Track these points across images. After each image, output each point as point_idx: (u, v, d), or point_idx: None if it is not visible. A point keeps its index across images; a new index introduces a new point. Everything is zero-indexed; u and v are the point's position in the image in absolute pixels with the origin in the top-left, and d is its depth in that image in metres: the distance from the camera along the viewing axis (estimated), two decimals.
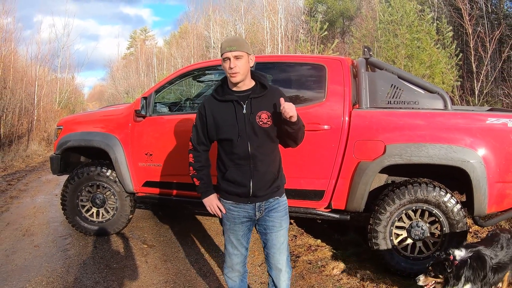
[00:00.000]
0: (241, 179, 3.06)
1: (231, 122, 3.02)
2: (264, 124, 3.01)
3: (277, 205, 3.18)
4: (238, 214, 3.15)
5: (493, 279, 3.70)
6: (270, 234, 3.19)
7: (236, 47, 2.92)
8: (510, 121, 4.33)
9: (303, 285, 4.58)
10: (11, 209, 7.90)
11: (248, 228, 3.24)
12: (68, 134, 6.16)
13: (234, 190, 3.11)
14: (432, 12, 13.85)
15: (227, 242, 3.28)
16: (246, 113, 3.01)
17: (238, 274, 3.36)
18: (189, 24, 36.04)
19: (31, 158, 14.97)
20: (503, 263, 3.75)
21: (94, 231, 6.11)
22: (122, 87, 43.57)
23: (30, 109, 19.73)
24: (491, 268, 3.66)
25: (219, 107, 3.08)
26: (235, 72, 2.92)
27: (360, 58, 5.23)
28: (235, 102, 3.02)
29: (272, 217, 3.17)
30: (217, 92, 3.12)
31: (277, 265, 3.25)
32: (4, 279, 4.86)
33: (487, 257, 3.69)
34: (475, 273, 3.61)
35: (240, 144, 3.01)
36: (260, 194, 3.09)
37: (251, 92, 3.06)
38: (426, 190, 4.49)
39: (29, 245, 5.93)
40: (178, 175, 5.48)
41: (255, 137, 3.01)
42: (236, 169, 3.07)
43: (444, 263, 3.57)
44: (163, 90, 5.74)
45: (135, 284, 4.73)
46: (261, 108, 3.03)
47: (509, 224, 5.81)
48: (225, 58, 2.94)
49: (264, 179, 3.09)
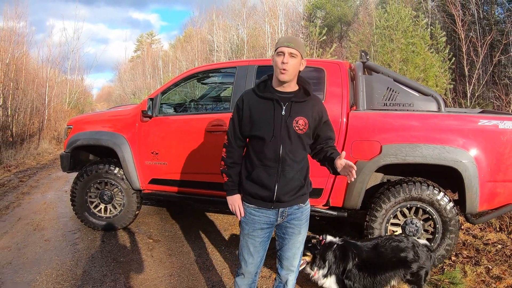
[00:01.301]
0: (267, 181, 2.89)
1: (267, 120, 2.85)
2: (300, 130, 2.85)
3: (299, 213, 3.03)
4: (259, 219, 2.99)
5: (362, 279, 3.76)
6: (289, 239, 3.07)
7: (294, 44, 2.76)
8: (501, 122, 4.34)
9: (302, 278, 4.57)
10: (22, 205, 7.90)
11: (267, 235, 3.08)
12: (77, 133, 6.17)
13: (257, 193, 2.93)
14: (426, 18, 13.85)
15: (244, 248, 3.09)
16: (284, 115, 2.84)
17: (249, 282, 3.21)
18: (194, 29, 36.15)
19: (42, 156, 14.96)
20: (374, 264, 3.78)
21: (102, 226, 6.12)
22: (129, 89, 43.58)
23: (41, 109, 19.72)
24: (356, 265, 3.75)
25: (258, 103, 2.90)
26: (285, 68, 2.75)
27: (357, 61, 5.23)
28: (275, 102, 2.86)
29: (293, 224, 3.03)
30: (258, 88, 2.94)
31: (290, 268, 3.17)
32: (16, 271, 4.87)
33: (352, 253, 3.77)
34: (337, 262, 3.74)
35: (272, 145, 2.84)
36: (285, 199, 2.92)
37: (293, 95, 2.89)
38: (420, 188, 4.49)
39: (39, 239, 5.93)
40: (183, 173, 5.49)
41: (289, 141, 2.85)
42: (263, 170, 2.89)
43: (313, 242, 3.77)
44: (169, 91, 5.75)
45: (141, 277, 4.73)
46: (300, 114, 2.86)
47: (499, 221, 5.81)
48: (280, 52, 2.77)
49: (290, 185, 2.91)
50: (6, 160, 12.78)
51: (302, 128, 2.85)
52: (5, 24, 18.38)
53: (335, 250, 3.79)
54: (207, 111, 5.82)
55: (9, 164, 12.48)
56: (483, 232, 5.74)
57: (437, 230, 4.53)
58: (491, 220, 5.72)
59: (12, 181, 10.19)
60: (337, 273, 3.77)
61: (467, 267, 4.67)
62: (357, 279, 3.75)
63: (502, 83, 11.29)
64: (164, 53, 44.87)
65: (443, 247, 4.54)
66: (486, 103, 10.87)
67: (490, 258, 4.96)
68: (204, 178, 5.35)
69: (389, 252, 3.81)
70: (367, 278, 3.76)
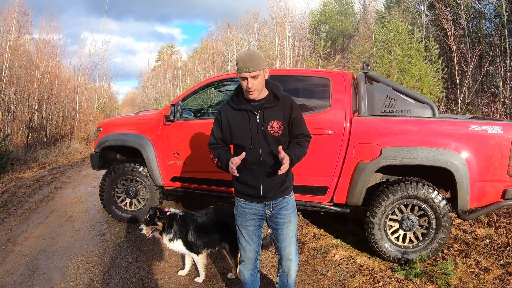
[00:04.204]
0: (253, 182, 2.97)
1: (244, 130, 2.91)
2: (275, 133, 2.89)
3: (285, 204, 3.08)
4: (249, 211, 3.07)
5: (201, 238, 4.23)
6: (281, 229, 3.10)
7: (253, 67, 2.72)
8: (489, 127, 4.32)
9: (308, 269, 4.58)
10: (55, 198, 7.97)
11: (258, 225, 3.13)
12: (106, 135, 6.22)
13: (246, 191, 3.03)
14: (421, 32, 13.76)
15: (240, 236, 3.18)
16: (259, 122, 2.88)
17: (249, 268, 3.23)
18: (210, 41, 36.13)
19: (73, 155, 15.05)
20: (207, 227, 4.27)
21: (127, 219, 6.16)
22: (152, 95, 43.69)
23: (72, 112, 19.89)
24: (194, 229, 4.23)
25: (235, 115, 2.95)
26: (252, 90, 2.79)
27: (360, 72, 5.23)
28: (249, 112, 2.89)
29: (282, 215, 3.07)
30: (233, 101, 2.98)
31: (289, 257, 3.17)
32: (49, 258, 4.92)
33: (190, 220, 4.28)
34: (181, 229, 4.21)
35: (253, 151, 2.89)
36: (270, 195, 3.00)
37: (264, 101, 2.91)
38: (416, 187, 4.47)
39: (71, 229, 5.99)
40: (201, 172, 5.51)
41: (266, 144, 2.89)
42: (248, 173, 2.96)
43: (159, 214, 4.16)
44: (189, 98, 5.77)
45: (162, 265, 4.76)
46: (273, 118, 2.90)
47: (488, 218, 5.77)
48: (242, 77, 2.77)
49: (274, 182, 2.97)
50: (41, 158, 12.89)
51: (277, 130, 2.89)
52: (40, 36, 18.58)
53: (178, 220, 4.24)
54: None
55: (43, 161, 12.58)
56: (472, 227, 5.70)
57: (431, 225, 4.51)
58: (480, 217, 5.69)
59: (46, 177, 10.27)
60: (181, 237, 4.21)
61: (458, 259, 4.66)
62: (197, 239, 4.22)
63: (490, 91, 11.19)
64: (183, 63, 44.96)
65: (436, 241, 4.52)
66: (475, 109, 10.77)
67: (479, 251, 4.94)
68: (219, 177, 5.35)
69: (214, 217, 4.31)
70: (204, 237, 4.24)
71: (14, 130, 14.10)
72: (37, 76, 16.65)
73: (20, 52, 16.18)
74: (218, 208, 4.35)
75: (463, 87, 10.54)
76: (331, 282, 4.25)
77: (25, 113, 14.85)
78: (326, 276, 4.39)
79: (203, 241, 4.23)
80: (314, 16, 26.88)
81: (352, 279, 4.29)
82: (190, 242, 4.21)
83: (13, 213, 6.84)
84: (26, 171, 10.79)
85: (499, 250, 4.96)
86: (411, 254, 4.57)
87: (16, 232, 5.85)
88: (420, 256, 4.50)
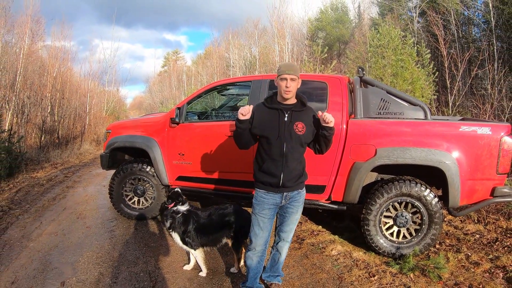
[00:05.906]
0: (275, 171, 3.23)
1: (274, 125, 3.21)
2: (299, 131, 3.21)
3: (298, 197, 3.40)
4: (267, 201, 3.31)
5: (199, 238, 4.21)
6: (289, 217, 3.44)
7: (293, 72, 3.13)
8: (479, 128, 4.33)
9: (307, 263, 4.57)
10: (67, 197, 7.97)
11: (272, 214, 3.39)
12: (115, 137, 6.22)
13: (267, 180, 3.27)
14: (413, 38, 13.73)
15: (255, 224, 3.39)
16: (286, 121, 3.21)
17: (258, 254, 3.47)
18: (213, 47, 36.09)
19: (84, 156, 15.07)
20: (208, 227, 4.23)
21: (135, 216, 6.15)
22: (158, 98, 43.67)
23: (83, 115, 19.90)
24: (194, 228, 4.21)
25: (267, 112, 3.27)
26: (289, 90, 3.15)
27: (355, 76, 5.21)
28: (280, 111, 3.23)
29: (293, 205, 3.40)
30: (267, 101, 3.32)
31: (286, 239, 3.59)
32: (61, 253, 4.92)
33: (192, 219, 4.25)
34: (179, 224, 4.22)
35: (278, 143, 3.19)
36: (288, 185, 3.27)
37: (293, 106, 3.27)
38: (410, 186, 4.47)
39: (82, 226, 5.99)
40: (205, 171, 5.50)
41: (290, 140, 3.20)
42: (271, 162, 3.24)
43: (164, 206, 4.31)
44: (193, 101, 5.77)
45: (168, 259, 4.75)
46: (299, 119, 3.24)
47: (477, 214, 5.76)
48: (283, 78, 3.14)
49: (292, 173, 3.26)
50: (53, 158, 12.91)
51: (301, 130, 3.23)
52: (53, 43, 18.59)
53: (180, 217, 4.24)
54: (225, 118, 5.82)
55: (56, 162, 12.60)
56: (463, 223, 5.69)
57: (423, 222, 4.50)
58: (470, 213, 5.67)
59: (58, 176, 10.28)
60: (179, 232, 4.22)
61: (449, 254, 4.65)
62: (195, 238, 4.22)
63: (479, 93, 11.18)
64: (188, 68, 44.90)
65: (429, 236, 4.50)
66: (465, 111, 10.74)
67: (469, 246, 4.92)
68: (223, 176, 5.36)
69: (217, 218, 4.26)
70: (203, 237, 4.23)
71: (28, 132, 14.12)
72: (49, 81, 16.65)
73: (33, 58, 16.17)
74: (222, 207, 4.34)
75: (454, 90, 10.54)
76: (328, 276, 4.25)
77: (38, 116, 14.87)
78: (324, 270, 4.38)
79: (200, 241, 4.25)
80: (311, 23, 26.79)
81: (348, 273, 4.28)
82: (187, 241, 4.23)
83: (27, 211, 6.84)
84: (39, 171, 10.81)
85: (488, 245, 4.95)
86: (404, 249, 4.56)
87: (30, 229, 5.84)
88: (413, 251, 4.50)
